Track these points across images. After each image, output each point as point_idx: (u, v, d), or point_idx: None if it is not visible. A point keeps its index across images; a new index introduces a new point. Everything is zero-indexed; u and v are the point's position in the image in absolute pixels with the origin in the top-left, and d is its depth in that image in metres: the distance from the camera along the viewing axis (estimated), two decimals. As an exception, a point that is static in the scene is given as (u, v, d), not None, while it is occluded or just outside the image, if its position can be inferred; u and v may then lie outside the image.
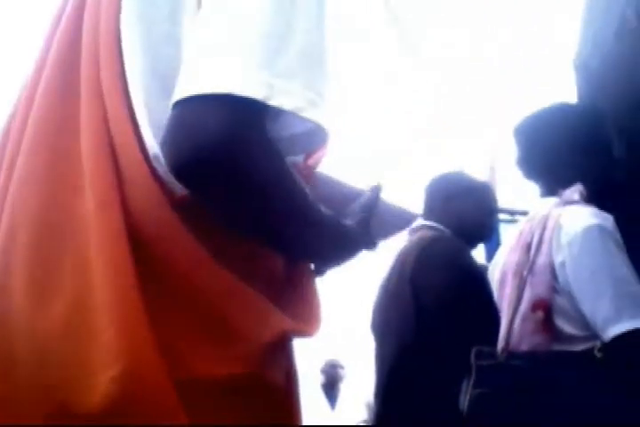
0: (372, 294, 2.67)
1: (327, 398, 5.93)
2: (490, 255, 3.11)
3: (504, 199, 3.41)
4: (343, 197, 1.20)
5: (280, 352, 1.00)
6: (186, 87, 0.85)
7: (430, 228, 2.57)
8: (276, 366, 0.98)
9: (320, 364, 6.21)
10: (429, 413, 2.06)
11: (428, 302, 2.25)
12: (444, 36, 3.82)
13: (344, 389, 6.17)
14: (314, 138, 0.99)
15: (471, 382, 1.71)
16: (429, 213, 2.65)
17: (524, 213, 3.79)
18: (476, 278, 2.31)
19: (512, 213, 3.81)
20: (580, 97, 2.76)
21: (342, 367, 6.25)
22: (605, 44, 2.49)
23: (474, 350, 1.77)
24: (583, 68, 2.71)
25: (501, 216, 3.50)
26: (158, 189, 0.91)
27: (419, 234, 2.52)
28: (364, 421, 5.70)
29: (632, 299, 1.72)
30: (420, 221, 2.64)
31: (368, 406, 5.34)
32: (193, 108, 0.84)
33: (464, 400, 1.69)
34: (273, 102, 0.84)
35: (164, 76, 0.94)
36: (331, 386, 6.10)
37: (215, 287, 0.92)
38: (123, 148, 0.92)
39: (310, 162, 1.09)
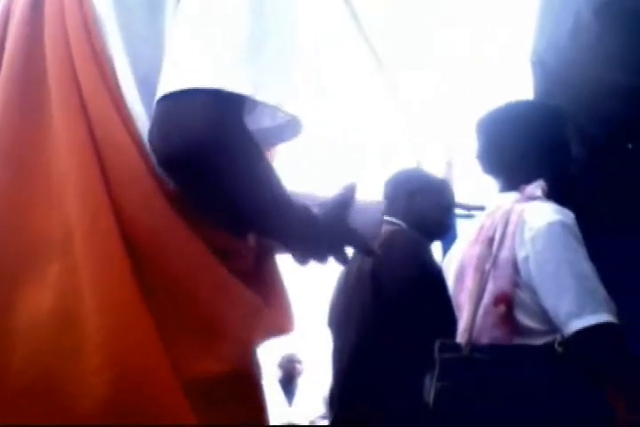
0: (327, 288, 2.68)
1: (285, 392, 5.95)
2: (446, 251, 3.14)
3: (460, 194, 3.44)
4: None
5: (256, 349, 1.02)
6: (173, 82, 0.86)
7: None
8: (257, 362, 0.99)
9: (277, 359, 6.22)
10: (392, 406, 2.07)
11: (388, 296, 2.25)
12: (402, 32, 3.85)
13: (302, 383, 6.19)
14: (279, 134, 1.04)
15: (435, 375, 1.72)
16: (389, 208, 2.67)
17: (481, 208, 3.84)
18: (436, 273, 2.33)
19: (468, 208, 3.84)
20: (536, 93, 2.80)
21: (300, 362, 6.26)
22: (561, 41, 2.52)
23: (437, 344, 1.78)
24: (539, 65, 2.75)
25: (458, 211, 3.53)
26: (153, 182, 0.91)
27: (379, 229, 2.53)
28: (322, 415, 5.72)
29: (593, 295, 1.75)
30: (380, 217, 2.66)
31: (326, 400, 5.36)
32: (182, 101, 0.86)
33: (429, 393, 1.71)
34: (258, 98, 0.88)
35: (145, 74, 0.95)
36: (288, 381, 6.11)
37: (212, 283, 0.93)
38: (114, 147, 0.92)
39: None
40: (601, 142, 2.86)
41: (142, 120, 0.94)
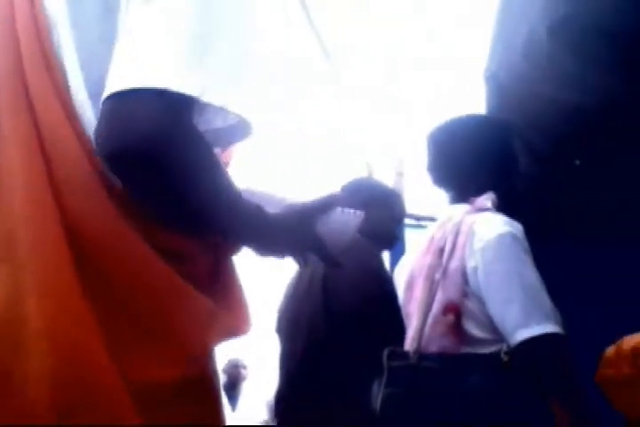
0: (274, 294, 2.68)
1: (228, 398, 5.91)
2: (394, 260, 3.17)
3: (409, 204, 3.48)
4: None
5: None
6: (119, 81, 0.87)
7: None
8: (214, 367, 1.00)
9: (222, 363, 6.18)
10: (339, 413, 2.09)
11: (339, 304, 2.27)
12: (358, 40, 3.88)
13: (246, 389, 6.16)
14: (232, 134, 1.05)
15: (383, 382, 1.75)
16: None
17: (429, 219, 3.90)
18: (386, 282, 2.36)
19: (417, 218, 3.89)
20: (488, 108, 2.85)
21: (244, 367, 6.24)
22: (514, 57, 2.58)
23: (386, 351, 1.80)
24: (492, 80, 2.80)
25: (407, 221, 3.57)
26: (98, 182, 0.91)
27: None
28: (265, 421, 5.71)
29: (540, 305, 1.79)
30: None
31: (269, 406, 5.35)
32: (127, 100, 0.86)
33: (376, 400, 1.73)
34: (204, 99, 0.89)
35: (100, 73, 0.94)
36: (232, 386, 6.08)
37: (161, 287, 0.93)
38: (60, 146, 0.92)
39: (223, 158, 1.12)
40: (547, 156, 2.93)
41: (91, 120, 0.94)
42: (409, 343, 1.89)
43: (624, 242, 3.15)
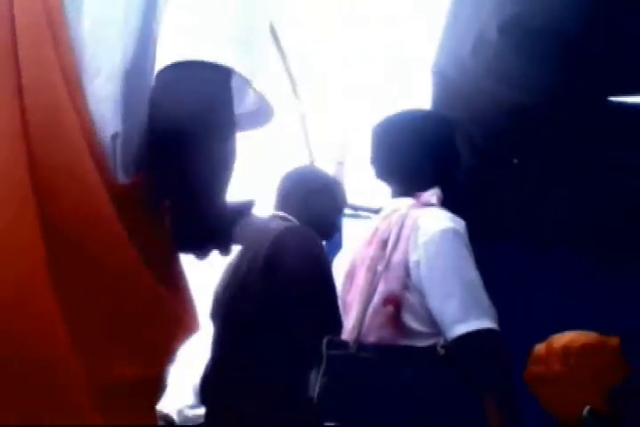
0: (204, 279, 2.67)
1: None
2: (331, 249, 3.19)
3: (348, 194, 3.50)
4: None
5: None
6: (184, 53, 0.90)
7: (284, 219, 2.61)
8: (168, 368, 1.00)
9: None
10: (274, 400, 2.09)
11: (278, 290, 2.26)
12: (358, 40, 3.89)
13: (172, 372, 6.12)
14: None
15: (321, 371, 1.75)
16: (283, 205, 2.69)
17: (368, 209, 3.92)
18: (326, 270, 2.37)
19: (355, 208, 3.90)
20: (434, 102, 2.88)
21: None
22: (463, 54, 2.59)
23: (325, 340, 1.81)
24: (440, 77, 2.82)
25: (345, 211, 3.59)
26: (97, 178, 0.89)
27: (271, 224, 2.55)
28: (191, 405, 5.67)
29: (478, 301, 1.83)
30: (273, 212, 2.68)
31: (196, 390, 5.31)
32: (191, 70, 0.90)
33: (314, 389, 1.73)
34: (253, 83, 0.95)
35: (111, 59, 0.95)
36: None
37: (141, 288, 0.92)
38: (53, 134, 0.89)
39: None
40: (489, 153, 2.97)
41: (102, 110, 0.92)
42: (348, 333, 1.89)
43: (559, 241, 3.23)
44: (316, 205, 2.68)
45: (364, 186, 3.83)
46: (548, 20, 2.24)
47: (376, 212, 3.65)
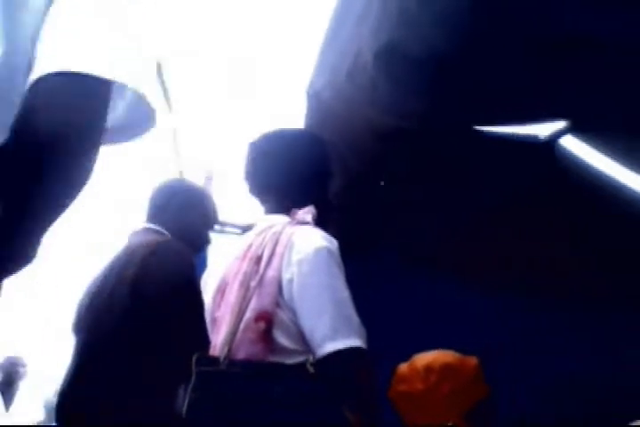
0: (60, 292, 2.61)
1: (3, 396, 5.62)
2: (197, 264, 3.17)
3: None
4: None
5: None
6: (57, 62, 0.88)
7: (155, 232, 2.58)
8: None
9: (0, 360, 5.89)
10: (141, 416, 2.06)
11: (147, 305, 2.23)
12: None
13: (23, 388, 5.89)
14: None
15: (190, 387, 1.74)
16: (153, 218, 2.66)
17: (234, 226, 3.92)
18: (196, 287, 2.36)
19: (222, 224, 3.90)
20: (307, 125, 2.92)
21: (24, 365, 5.96)
22: (339, 77, 2.64)
23: (195, 356, 1.79)
24: (314, 98, 2.86)
25: (212, 226, 3.58)
26: None
27: (143, 237, 2.51)
28: (40, 422, 5.48)
29: (348, 320, 1.86)
30: (143, 224, 2.65)
31: (49, 406, 5.14)
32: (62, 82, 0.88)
33: (182, 405, 1.72)
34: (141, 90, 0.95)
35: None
36: (9, 384, 5.79)
37: None
38: None
39: None
40: (359, 176, 3.04)
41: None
42: (219, 349, 1.89)
43: (425, 261, 3.34)
44: (187, 218, 2.67)
45: (231, 202, 3.84)
46: (422, 49, 2.31)
47: (242, 228, 3.67)
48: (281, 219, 2.07)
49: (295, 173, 2.20)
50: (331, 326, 1.82)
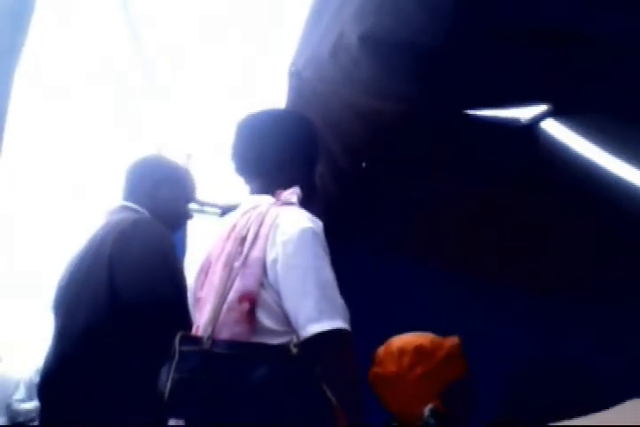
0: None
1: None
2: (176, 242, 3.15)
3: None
4: None
5: None
6: None
7: (132, 210, 2.56)
8: None
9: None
10: (122, 396, 2.06)
11: (126, 283, 2.22)
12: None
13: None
14: None
15: (173, 366, 1.72)
16: (131, 195, 2.64)
17: (214, 205, 3.90)
18: (174, 262, 2.35)
19: (201, 203, 3.88)
20: (288, 103, 2.90)
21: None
22: (321, 57, 2.63)
23: (179, 336, 1.78)
24: (296, 77, 2.85)
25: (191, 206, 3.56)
26: None
27: (120, 215, 2.50)
28: (20, 400, 5.43)
29: (333, 302, 1.85)
30: (120, 202, 2.62)
31: (28, 384, 5.10)
32: None
33: (165, 384, 1.71)
34: None
35: None
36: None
37: None
38: None
39: None
40: (340, 156, 3.04)
41: None
42: (202, 328, 1.88)
43: (405, 247, 3.34)
44: (164, 196, 2.65)
45: (211, 181, 3.82)
46: (405, 33, 2.31)
47: (222, 208, 3.65)
48: (266, 199, 2.06)
49: (282, 154, 2.19)
50: (315, 308, 1.82)
